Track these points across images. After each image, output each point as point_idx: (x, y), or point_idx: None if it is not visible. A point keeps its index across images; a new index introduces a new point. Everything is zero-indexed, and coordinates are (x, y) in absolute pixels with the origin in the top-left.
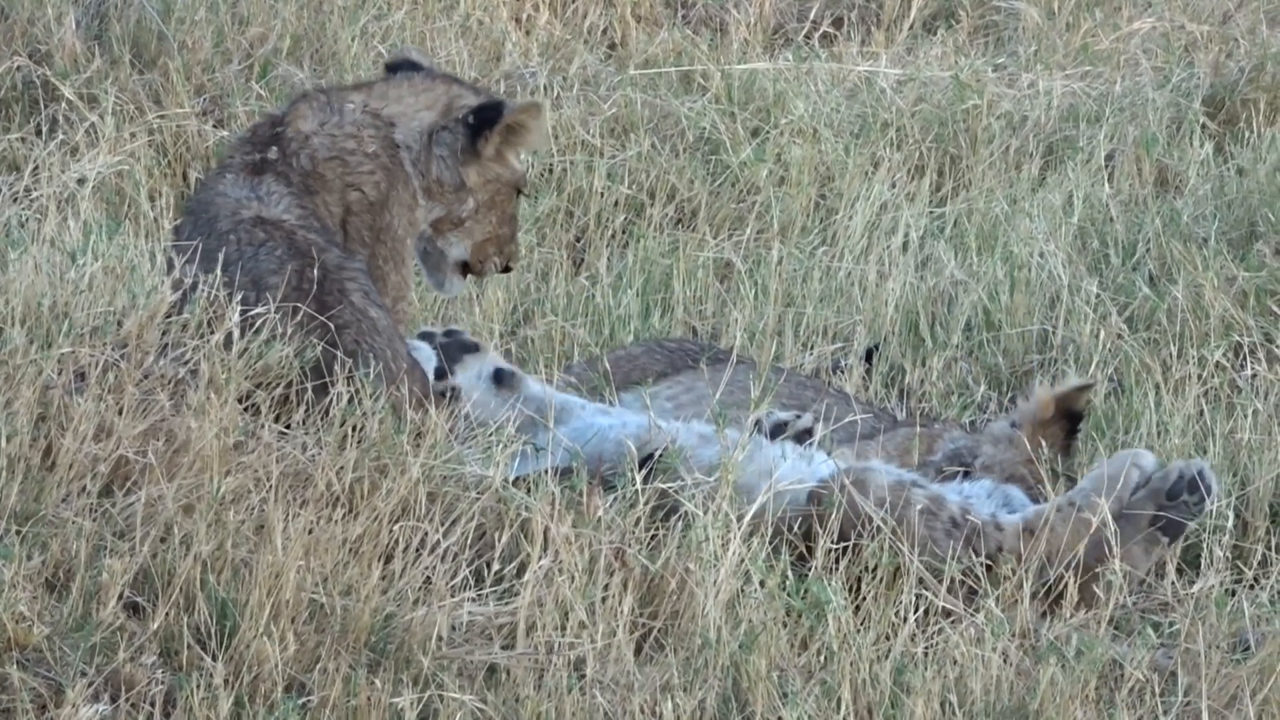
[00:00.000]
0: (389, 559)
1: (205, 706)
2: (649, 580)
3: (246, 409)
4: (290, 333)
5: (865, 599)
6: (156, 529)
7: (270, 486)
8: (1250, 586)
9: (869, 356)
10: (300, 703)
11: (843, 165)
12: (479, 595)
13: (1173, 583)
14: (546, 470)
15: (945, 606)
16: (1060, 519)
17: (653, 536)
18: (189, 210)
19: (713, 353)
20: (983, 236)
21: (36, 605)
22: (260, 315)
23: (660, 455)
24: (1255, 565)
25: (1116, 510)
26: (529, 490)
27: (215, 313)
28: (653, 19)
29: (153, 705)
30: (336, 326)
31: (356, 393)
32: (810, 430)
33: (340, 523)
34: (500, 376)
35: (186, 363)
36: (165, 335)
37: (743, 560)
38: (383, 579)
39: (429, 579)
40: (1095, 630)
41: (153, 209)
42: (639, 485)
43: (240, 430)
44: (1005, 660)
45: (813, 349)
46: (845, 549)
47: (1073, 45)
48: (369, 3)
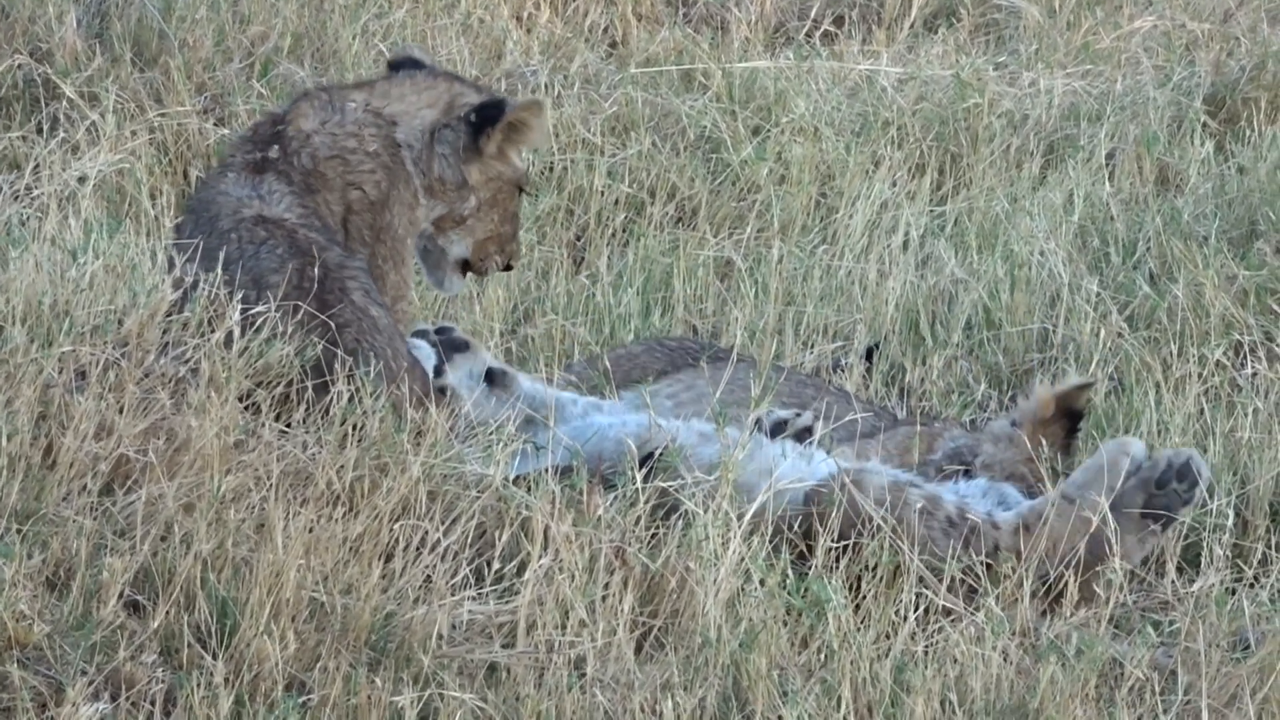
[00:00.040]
0: (389, 558)
1: (205, 705)
2: (649, 579)
3: (247, 408)
4: (291, 331)
5: (865, 598)
6: (157, 528)
7: (271, 485)
8: (1250, 585)
9: (869, 355)
10: (300, 701)
11: (843, 164)
12: (479, 594)
13: (1173, 581)
14: (547, 469)
15: (945, 605)
16: (1055, 514)
17: (653, 535)
18: (190, 209)
19: (713, 351)
20: (983, 235)
21: (37, 604)
22: (261, 314)
23: (660, 454)
24: (1255, 564)
25: (1110, 500)
26: (529, 489)
27: (216, 311)
28: (654, 17)
29: (153, 704)
30: (337, 325)
31: (357, 391)
32: (810, 428)
33: (340, 521)
34: (492, 376)
35: (187, 361)
36: (166, 334)
37: (743, 559)
38: (383, 578)
39: (429, 578)
40: (1095, 629)
41: (154, 207)
42: (639, 484)
43: (241, 429)
44: (1005, 659)
45: (813, 348)
46: (845, 547)
47: (1074, 44)
48: (370, 1)
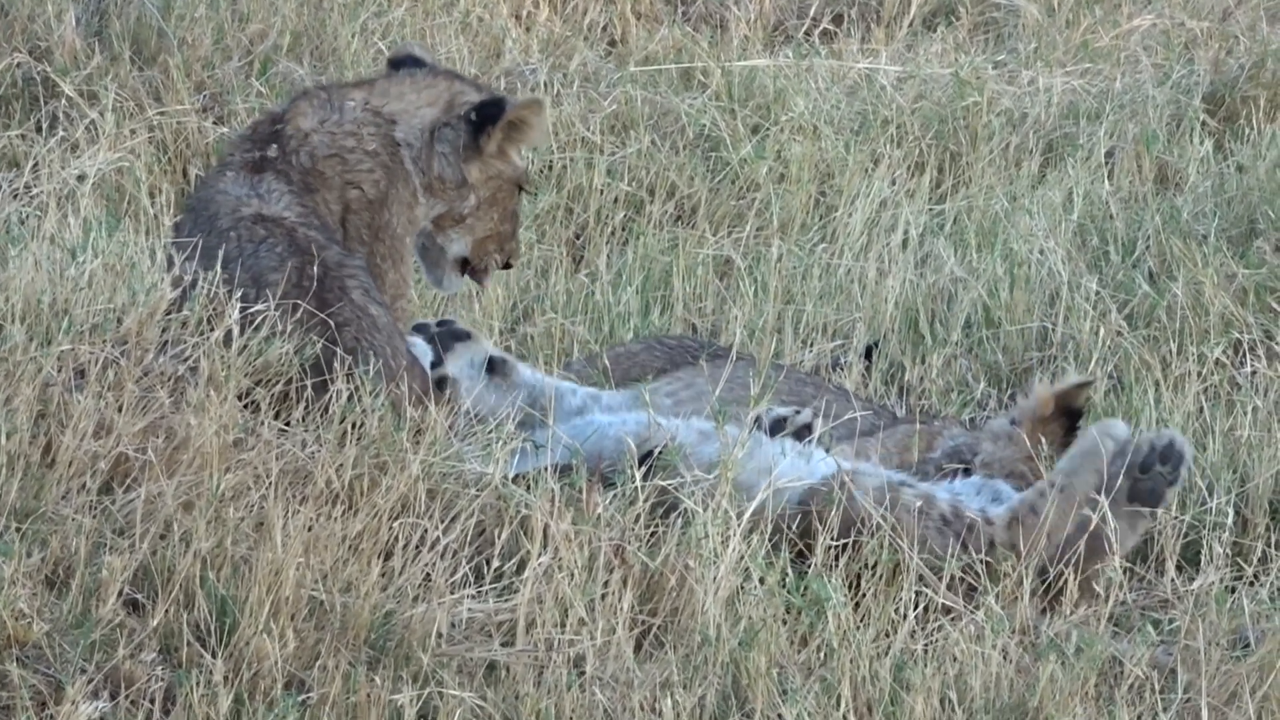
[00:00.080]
0: (388, 556)
1: (205, 703)
2: (649, 577)
3: (246, 406)
4: (290, 330)
5: (865, 596)
6: (156, 526)
7: (270, 484)
8: (1250, 583)
9: (869, 354)
10: (300, 700)
11: (843, 162)
12: (478, 592)
13: (1173, 580)
14: (546, 467)
15: (945, 604)
16: (1045, 503)
17: (652, 533)
18: (189, 207)
19: (712, 350)
20: (982, 233)
21: (36, 602)
22: (260, 312)
23: (660, 452)
24: (1255, 562)
25: (1099, 485)
26: (529, 487)
27: (215, 310)
28: (653, 16)
29: (152, 702)
30: (336, 324)
31: (356, 390)
32: (810, 426)
33: (340, 520)
34: (493, 364)
35: (186, 360)
36: (165, 332)
37: (742, 557)
38: (382, 576)
39: (428, 576)
40: (1095, 627)
41: (153, 206)
42: (639, 482)
43: (240, 427)
44: (1005, 657)
45: (812, 346)
46: (844, 546)
47: (1073, 42)
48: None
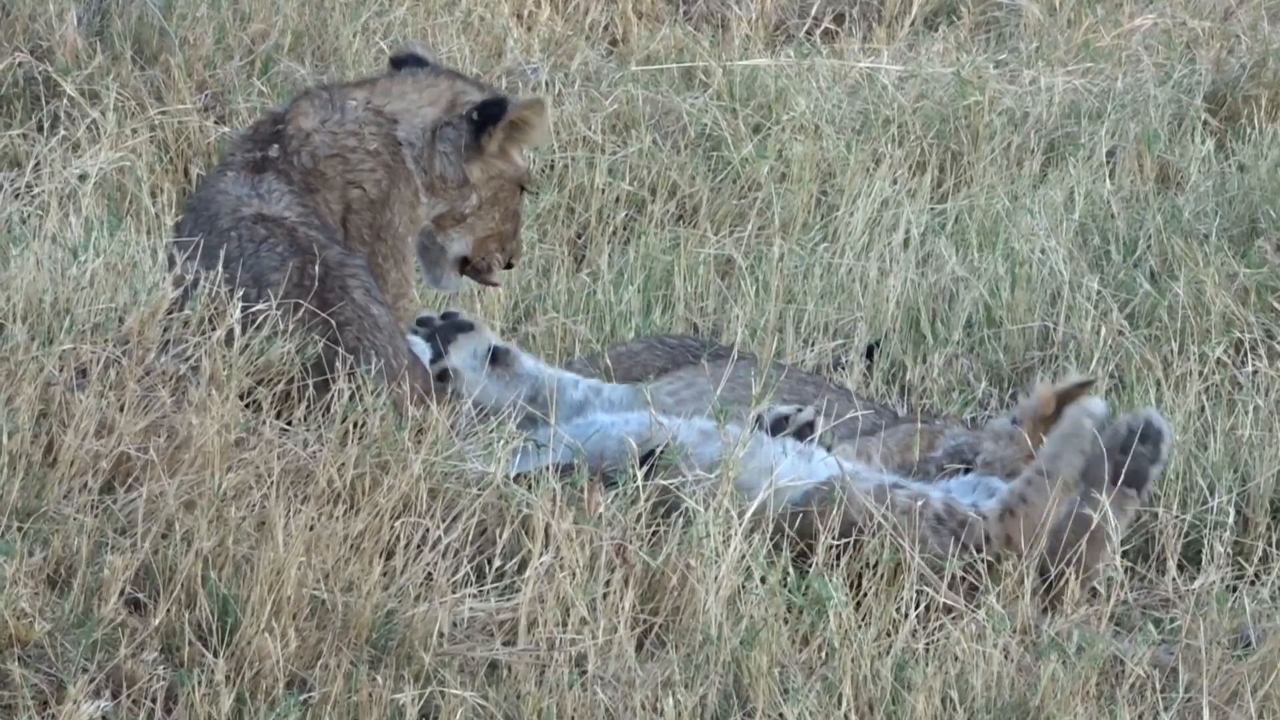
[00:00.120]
0: (390, 555)
1: (207, 703)
2: (650, 576)
3: (248, 405)
4: (291, 329)
5: (866, 595)
6: (158, 525)
7: (271, 483)
8: (1251, 583)
9: (870, 353)
10: (302, 699)
11: (844, 162)
12: (480, 591)
13: (1174, 579)
14: (548, 467)
15: (946, 603)
16: (1034, 490)
17: (654, 533)
18: (189, 207)
19: (714, 349)
20: (984, 233)
21: (38, 601)
22: (261, 312)
23: (662, 452)
24: (1256, 561)
25: (1084, 466)
26: (530, 487)
27: (217, 309)
28: (654, 15)
29: (154, 702)
30: (338, 323)
31: (358, 389)
32: (811, 424)
33: (341, 519)
34: (496, 355)
35: (188, 359)
36: (167, 332)
37: (744, 556)
38: (384, 575)
39: (430, 575)
40: (1096, 626)
41: (154, 205)
42: (640, 482)
43: (241, 427)
44: (1006, 656)
45: (814, 345)
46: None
47: (1074, 41)
48: None
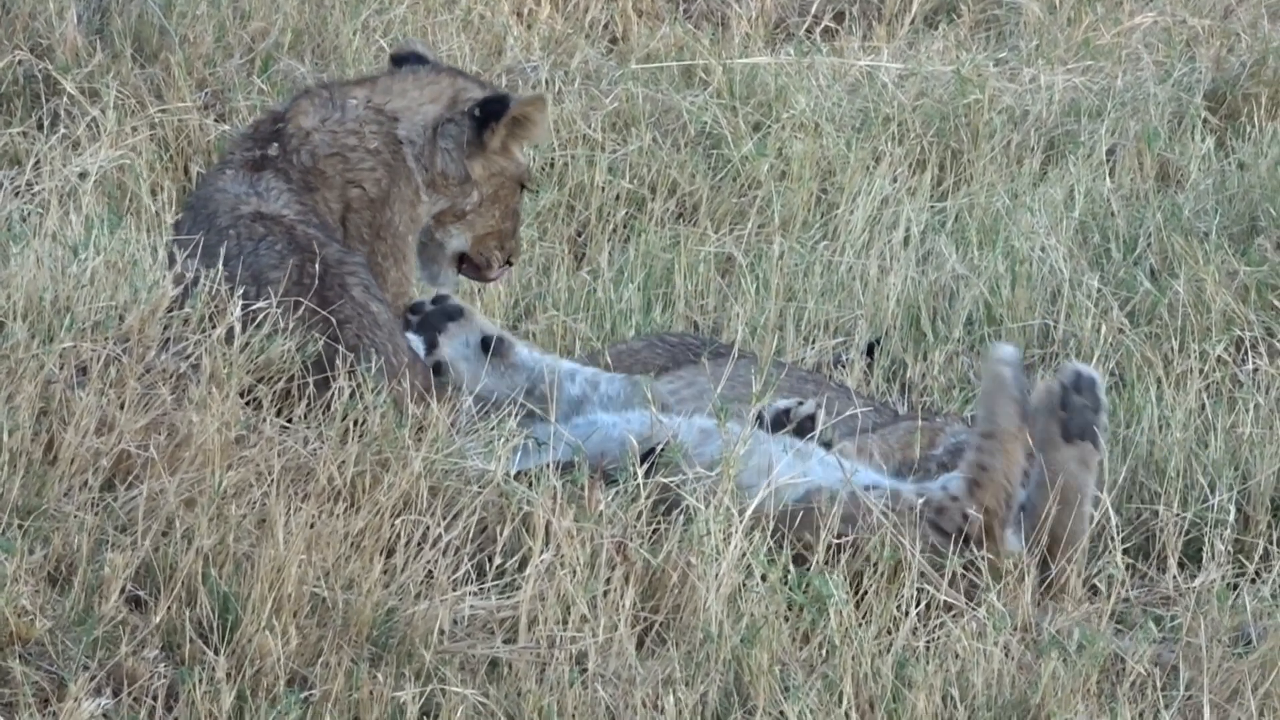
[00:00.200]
0: (390, 553)
1: (207, 700)
2: (650, 574)
3: (248, 403)
4: (291, 327)
5: (866, 593)
6: (158, 523)
7: (272, 481)
8: (1252, 580)
9: (870, 351)
10: (302, 696)
11: (844, 160)
12: (481, 589)
13: (1174, 576)
14: (548, 464)
15: (947, 600)
16: (987, 455)
17: (654, 531)
18: (189, 205)
19: (714, 347)
20: (984, 231)
21: (38, 599)
22: (262, 310)
23: (662, 450)
24: (1257, 559)
25: (1021, 413)
26: (531, 484)
27: (217, 307)
28: (654, 13)
29: (155, 699)
30: (338, 321)
31: (358, 387)
32: (813, 417)
33: (342, 517)
34: (490, 345)
35: (188, 357)
36: (167, 330)
37: (744, 554)
38: (384, 573)
39: (430, 573)
40: (1097, 624)
41: (154, 203)
42: (640, 480)
43: (242, 425)
44: (1007, 654)
45: (814, 343)
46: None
47: (1074, 40)
48: None
